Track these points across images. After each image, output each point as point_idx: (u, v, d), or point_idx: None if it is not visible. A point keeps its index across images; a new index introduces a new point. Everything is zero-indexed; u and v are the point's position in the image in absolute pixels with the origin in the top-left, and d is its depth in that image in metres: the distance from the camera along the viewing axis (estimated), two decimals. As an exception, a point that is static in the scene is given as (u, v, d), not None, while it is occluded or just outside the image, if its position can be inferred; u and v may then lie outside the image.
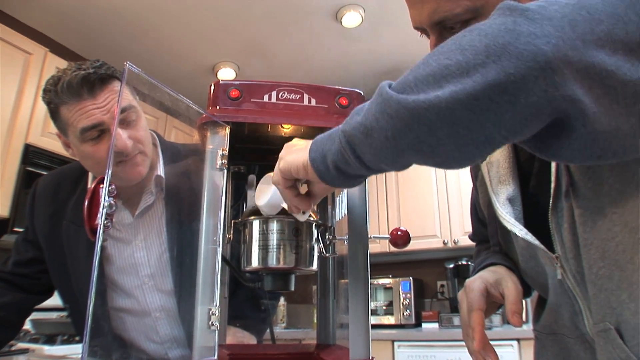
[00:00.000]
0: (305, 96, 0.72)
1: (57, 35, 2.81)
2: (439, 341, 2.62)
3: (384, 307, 3.06)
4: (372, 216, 3.34)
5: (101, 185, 0.47)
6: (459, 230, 3.00)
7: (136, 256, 1.09)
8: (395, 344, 2.67)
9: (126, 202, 1.10)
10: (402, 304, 2.99)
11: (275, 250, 0.70)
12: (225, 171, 0.67)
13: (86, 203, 0.51)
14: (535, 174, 0.71)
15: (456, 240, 2.98)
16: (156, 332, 1.09)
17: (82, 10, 2.60)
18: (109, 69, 0.99)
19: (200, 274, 0.62)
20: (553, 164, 0.62)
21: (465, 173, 1.06)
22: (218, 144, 0.68)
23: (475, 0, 0.59)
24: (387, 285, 3.08)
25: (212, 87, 0.70)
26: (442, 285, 3.34)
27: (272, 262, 0.69)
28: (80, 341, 1.86)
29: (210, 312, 0.60)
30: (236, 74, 3.29)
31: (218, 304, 0.61)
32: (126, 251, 1.09)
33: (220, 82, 0.71)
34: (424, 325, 3.03)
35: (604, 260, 0.56)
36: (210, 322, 0.60)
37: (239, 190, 0.86)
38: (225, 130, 0.68)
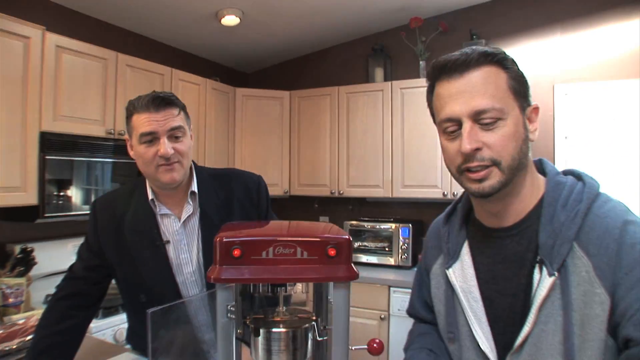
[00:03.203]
0: (298, 249, 0.82)
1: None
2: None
3: (386, 249, 3.33)
4: (377, 164, 3.47)
5: None
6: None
7: (181, 257, 1.37)
8: (391, 289, 2.99)
9: (174, 210, 1.38)
10: (401, 248, 3.26)
11: (276, 354, 0.88)
12: (234, 322, 0.81)
13: None
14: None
15: (455, 193, 3.13)
16: (196, 318, 1.37)
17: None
18: (177, 99, 1.32)
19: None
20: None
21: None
22: (226, 299, 0.82)
23: (502, 104, 0.85)
24: (389, 230, 3.32)
25: (218, 245, 0.81)
26: (440, 225, 3.56)
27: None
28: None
29: None
30: (240, 20, 3.17)
31: None
32: (174, 253, 1.36)
33: (224, 240, 0.81)
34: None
35: None
36: None
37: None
38: (233, 287, 0.81)
